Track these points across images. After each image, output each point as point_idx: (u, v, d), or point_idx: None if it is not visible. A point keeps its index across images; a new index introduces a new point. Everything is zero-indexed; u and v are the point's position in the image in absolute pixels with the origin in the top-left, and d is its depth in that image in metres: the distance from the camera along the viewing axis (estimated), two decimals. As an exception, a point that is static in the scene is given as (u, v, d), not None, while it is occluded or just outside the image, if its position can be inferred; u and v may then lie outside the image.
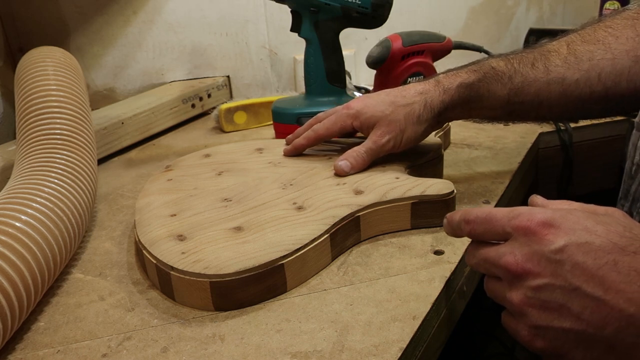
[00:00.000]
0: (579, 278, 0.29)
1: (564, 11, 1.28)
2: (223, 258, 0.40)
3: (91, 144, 0.56)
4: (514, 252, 0.31)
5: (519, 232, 0.32)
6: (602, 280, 0.28)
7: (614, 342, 0.28)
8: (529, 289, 0.30)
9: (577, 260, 0.29)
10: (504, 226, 0.33)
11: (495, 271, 0.33)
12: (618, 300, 0.28)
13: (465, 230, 0.36)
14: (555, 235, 0.30)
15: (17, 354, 0.37)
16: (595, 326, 0.28)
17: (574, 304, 0.29)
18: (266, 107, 0.86)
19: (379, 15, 0.68)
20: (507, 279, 0.32)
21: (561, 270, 0.29)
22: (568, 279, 0.29)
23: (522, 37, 1.23)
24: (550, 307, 0.30)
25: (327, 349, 0.35)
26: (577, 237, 0.30)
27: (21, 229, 0.39)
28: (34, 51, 0.66)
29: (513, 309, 0.32)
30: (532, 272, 0.30)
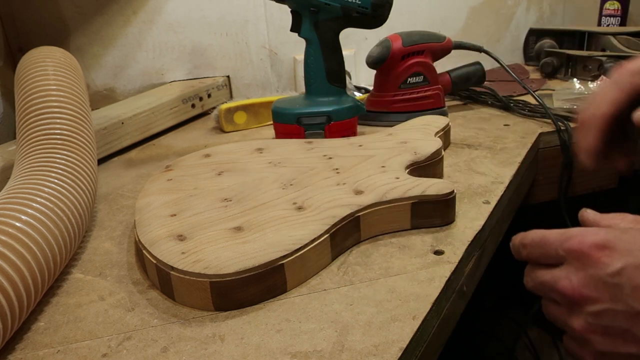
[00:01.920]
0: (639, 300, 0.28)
1: (564, 11, 1.28)
2: (223, 258, 0.40)
3: (91, 144, 0.56)
4: (569, 277, 0.30)
5: (572, 255, 0.30)
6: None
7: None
8: (589, 315, 0.29)
9: (637, 283, 0.28)
10: (557, 249, 0.32)
11: (553, 295, 0.32)
12: None
13: (523, 254, 0.35)
14: (610, 258, 0.29)
15: (17, 354, 0.37)
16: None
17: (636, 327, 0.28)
18: (266, 107, 0.86)
19: (379, 15, 0.68)
20: (566, 304, 0.31)
21: (621, 294, 0.28)
22: (629, 303, 0.28)
23: (522, 37, 1.24)
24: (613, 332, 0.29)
25: (327, 349, 0.35)
26: (634, 258, 0.28)
27: (21, 229, 0.39)
28: (34, 51, 0.66)
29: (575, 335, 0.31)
30: (591, 297, 0.29)
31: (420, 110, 0.80)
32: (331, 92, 0.71)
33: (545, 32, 1.20)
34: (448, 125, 0.69)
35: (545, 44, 1.17)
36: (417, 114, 0.75)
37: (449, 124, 0.69)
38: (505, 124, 0.81)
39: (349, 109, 0.70)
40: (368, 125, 0.81)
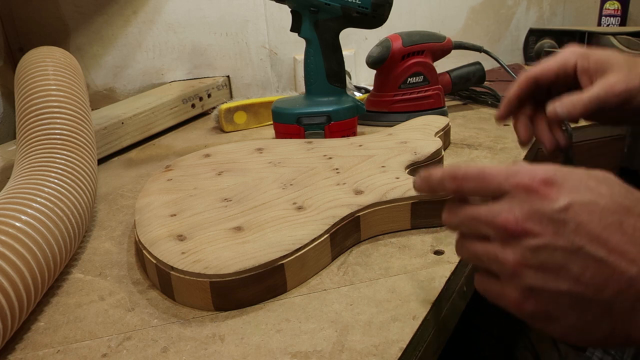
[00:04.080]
0: (582, 238, 0.27)
1: (564, 11, 1.28)
2: (223, 258, 0.40)
3: (91, 144, 0.56)
4: (512, 210, 0.29)
5: (518, 189, 0.30)
6: (607, 241, 0.27)
7: (611, 305, 0.27)
8: (527, 248, 0.29)
9: (581, 220, 0.28)
10: (501, 183, 0.31)
11: (485, 230, 0.31)
12: (621, 262, 0.27)
13: (451, 187, 0.33)
14: (558, 194, 0.29)
15: (17, 354, 0.37)
16: (595, 288, 0.27)
17: (575, 265, 0.28)
18: (266, 107, 0.86)
19: (379, 15, 0.68)
20: (502, 238, 0.30)
21: (564, 230, 0.28)
22: (571, 239, 0.28)
23: (522, 37, 1.24)
24: (549, 268, 0.28)
25: (327, 349, 0.35)
26: (581, 196, 0.28)
27: (21, 229, 0.39)
28: (34, 51, 0.66)
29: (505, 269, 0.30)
30: (533, 231, 0.28)
31: (420, 110, 0.80)
32: (331, 92, 0.71)
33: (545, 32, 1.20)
34: (448, 125, 0.69)
35: (545, 44, 1.17)
36: (417, 114, 0.75)
37: (449, 124, 0.69)
38: (505, 123, 0.80)
39: (349, 109, 0.70)
40: (368, 125, 0.81)
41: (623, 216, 0.28)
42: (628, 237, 0.27)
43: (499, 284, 0.31)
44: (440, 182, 0.34)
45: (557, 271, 0.28)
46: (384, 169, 0.53)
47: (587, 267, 0.27)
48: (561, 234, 0.28)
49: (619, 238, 0.27)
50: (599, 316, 0.28)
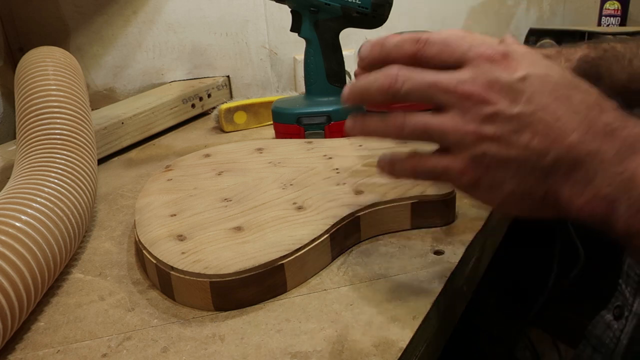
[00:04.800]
0: (535, 106, 0.29)
1: (564, 11, 1.28)
2: (223, 258, 0.40)
3: (91, 144, 0.56)
4: (475, 78, 0.30)
5: (482, 59, 0.31)
6: (556, 110, 0.29)
7: (549, 170, 0.29)
8: (486, 117, 0.30)
9: (536, 89, 0.30)
10: (465, 52, 0.31)
11: (443, 98, 0.31)
12: (566, 128, 0.29)
13: (410, 50, 0.32)
14: (518, 65, 0.30)
15: (17, 354, 0.37)
16: (539, 154, 0.29)
17: (527, 131, 0.29)
18: (266, 107, 0.86)
19: (379, 15, 0.68)
20: (461, 106, 0.30)
21: (520, 98, 0.30)
22: (525, 106, 0.29)
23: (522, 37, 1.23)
24: (503, 135, 0.30)
25: (327, 349, 0.35)
26: (537, 69, 0.30)
27: (21, 229, 0.39)
28: (34, 51, 0.66)
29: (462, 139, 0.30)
30: (492, 99, 0.30)
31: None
32: (331, 92, 0.71)
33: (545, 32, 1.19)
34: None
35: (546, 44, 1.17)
36: (417, 114, 0.75)
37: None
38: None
39: (349, 109, 0.70)
40: (368, 125, 0.81)
41: (572, 90, 0.30)
42: (574, 108, 0.30)
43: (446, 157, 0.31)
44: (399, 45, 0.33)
45: (509, 138, 0.30)
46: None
47: (535, 133, 0.29)
48: (517, 101, 0.29)
49: (566, 108, 0.29)
50: (536, 182, 0.30)
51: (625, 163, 0.28)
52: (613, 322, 0.54)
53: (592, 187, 0.29)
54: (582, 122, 0.29)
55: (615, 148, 0.29)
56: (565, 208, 0.30)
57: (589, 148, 0.29)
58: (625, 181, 0.28)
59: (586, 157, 0.29)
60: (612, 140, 0.29)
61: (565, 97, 0.30)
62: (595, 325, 0.55)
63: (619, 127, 0.29)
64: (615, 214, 0.28)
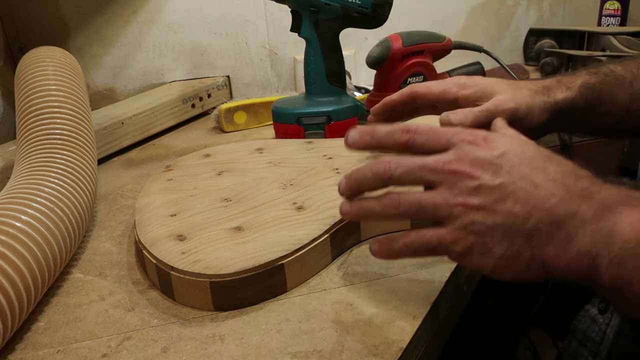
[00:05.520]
0: (514, 177, 0.33)
1: (564, 11, 1.28)
2: (223, 258, 0.40)
3: (91, 144, 0.56)
4: (460, 158, 0.34)
5: (465, 142, 0.34)
6: (534, 179, 0.33)
7: (533, 232, 0.32)
8: (471, 190, 0.33)
9: (513, 163, 0.33)
10: (450, 138, 0.35)
11: (432, 178, 0.34)
12: (544, 193, 0.32)
13: (402, 139, 0.36)
14: (497, 145, 0.34)
15: (17, 354, 0.37)
16: (522, 218, 0.32)
17: (509, 199, 0.32)
18: (266, 107, 0.86)
19: (379, 15, 0.68)
20: (449, 183, 0.33)
21: (500, 171, 0.33)
22: (505, 178, 0.33)
23: (522, 37, 1.23)
24: (488, 204, 0.33)
25: (327, 349, 0.35)
26: (514, 147, 0.34)
27: (21, 229, 0.39)
28: (34, 51, 0.66)
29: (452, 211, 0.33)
30: (476, 174, 0.33)
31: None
32: (331, 92, 0.71)
33: (545, 32, 1.19)
34: (448, 125, 0.69)
35: (545, 44, 1.17)
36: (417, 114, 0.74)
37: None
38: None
39: (349, 109, 0.70)
40: (368, 125, 0.81)
41: (547, 162, 0.34)
42: (551, 177, 0.33)
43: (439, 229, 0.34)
44: (390, 134, 0.36)
45: (494, 206, 0.33)
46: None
47: (517, 200, 0.32)
48: (498, 175, 0.33)
49: (544, 176, 0.33)
50: (522, 245, 0.32)
51: (603, 221, 0.31)
52: (598, 317, 0.54)
53: (574, 244, 0.31)
54: (559, 188, 0.32)
55: (592, 209, 0.32)
56: (552, 267, 0.32)
57: (568, 209, 0.32)
58: (604, 237, 0.31)
59: (565, 218, 0.32)
60: (589, 202, 0.32)
61: (542, 168, 0.33)
62: (580, 320, 0.56)
63: (595, 190, 0.32)
64: (600, 269, 0.31)
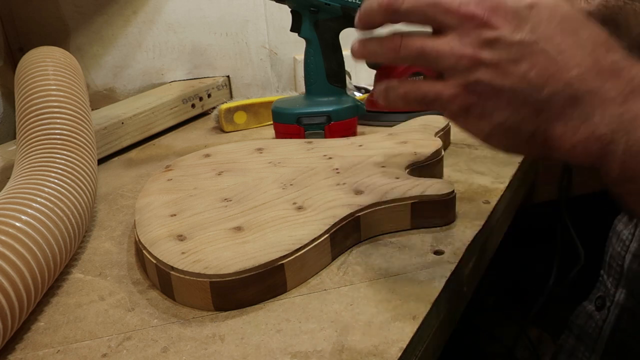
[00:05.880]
0: (539, 35, 0.28)
1: (564, 11, 1.28)
2: (223, 258, 0.40)
3: (91, 144, 0.56)
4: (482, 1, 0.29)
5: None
6: (560, 42, 0.28)
7: (544, 104, 0.28)
8: (486, 41, 0.29)
9: (542, 19, 0.29)
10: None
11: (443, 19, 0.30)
12: (568, 63, 0.28)
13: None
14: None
15: (17, 354, 0.37)
16: (536, 86, 0.28)
17: (526, 61, 0.28)
18: (266, 107, 0.86)
19: (379, 15, 0.68)
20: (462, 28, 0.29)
21: (524, 25, 0.28)
22: (528, 34, 0.28)
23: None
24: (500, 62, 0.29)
25: (327, 349, 0.35)
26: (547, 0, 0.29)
27: (21, 229, 0.39)
28: (34, 51, 0.66)
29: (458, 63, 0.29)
30: (496, 24, 0.29)
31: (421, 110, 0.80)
32: (331, 92, 0.71)
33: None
34: (448, 125, 0.69)
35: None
36: (417, 114, 0.75)
37: (449, 124, 0.69)
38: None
39: (349, 109, 0.70)
40: (368, 125, 0.81)
41: (579, 25, 0.29)
42: (580, 43, 0.28)
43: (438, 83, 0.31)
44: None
45: (506, 66, 0.28)
46: (384, 169, 0.53)
47: (535, 64, 0.28)
48: (521, 29, 0.28)
49: (572, 42, 0.28)
50: (528, 115, 0.29)
51: (628, 104, 0.27)
52: (595, 313, 0.54)
53: (589, 126, 0.27)
54: (586, 58, 0.28)
55: (619, 88, 0.27)
56: (555, 147, 0.29)
57: (590, 86, 0.28)
58: (625, 122, 0.27)
59: (585, 95, 0.28)
60: (617, 80, 0.28)
61: (572, 31, 0.29)
62: (577, 316, 0.56)
63: (625, 66, 0.28)
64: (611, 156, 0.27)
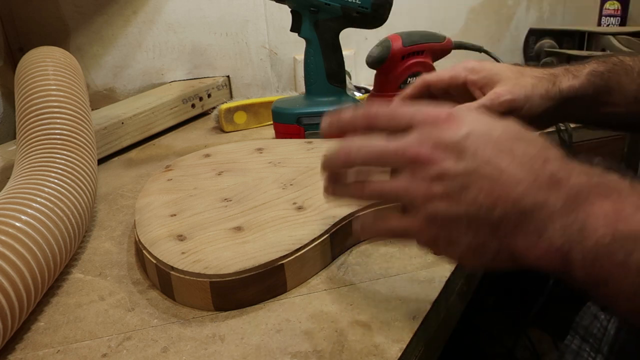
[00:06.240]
0: (479, 161, 0.30)
1: (564, 11, 1.27)
2: (223, 258, 0.40)
3: (91, 144, 0.56)
4: (421, 140, 0.31)
5: (427, 122, 0.32)
6: (499, 164, 0.30)
7: (498, 224, 0.30)
8: (434, 176, 0.31)
9: (479, 146, 0.31)
10: (412, 117, 0.33)
11: (393, 163, 0.32)
12: (510, 181, 0.30)
13: (362, 123, 0.34)
14: (460, 125, 0.31)
15: (17, 354, 0.37)
16: (487, 208, 0.30)
17: (473, 187, 0.30)
18: (266, 107, 0.86)
19: (379, 15, 0.68)
20: (410, 169, 0.32)
21: (464, 155, 0.30)
22: (469, 163, 0.30)
23: (522, 37, 1.23)
24: (452, 193, 0.30)
25: (327, 349, 0.35)
26: (479, 127, 0.31)
27: (21, 229, 0.39)
28: (34, 51, 0.66)
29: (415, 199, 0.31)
30: (438, 159, 0.31)
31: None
32: (331, 92, 0.71)
33: (545, 32, 1.19)
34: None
35: (545, 44, 1.17)
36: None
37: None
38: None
39: (349, 109, 0.70)
40: (368, 125, 0.81)
41: (515, 143, 0.31)
42: (518, 161, 0.30)
43: (404, 219, 0.33)
44: (352, 121, 0.35)
45: (458, 195, 0.30)
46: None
47: (481, 189, 0.30)
48: (461, 159, 0.30)
49: (509, 161, 0.30)
50: (488, 236, 0.30)
51: (574, 214, 0.29)
52: (600, 313, 0.54)
53: (545, 239, 0.29)
54: (526, 174, 0.30)
55: (562, 199, 0.29)
56: (523, 259, 0.30)
57: (535, 200, 0.29)
58: (576, 232, 0.28)
59: (534, 210, 0.29)
60: (558, 191, 0.29)
61: (508, 151, 0.31)
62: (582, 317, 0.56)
63: (564, 177, 0.30)
64: (573, 264, 0.28)
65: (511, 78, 0.49)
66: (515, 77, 0.50)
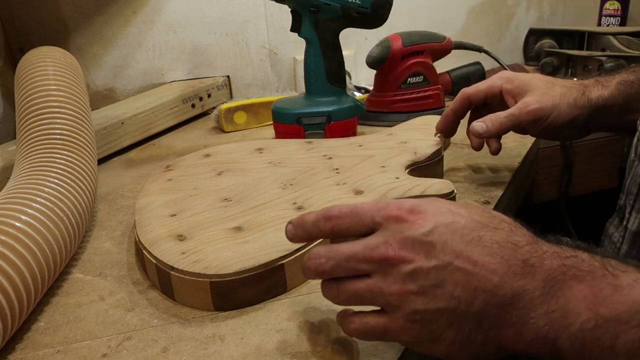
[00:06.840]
0: (450, 255, 0.30)
1: (564, 11, 1.28)
2: (223, 258, 0.40)
3: (91, 144, 0.56)
4: (388, 241, 0.31)
5: (390, 221, 0.31)
6: (470, 255, 0.30)
7: (481, 316, 0.29)
8: (406, 275, 0.30)
9: (446, 239, 0.30)
10: (374, 217, 0.32)
11: (363, 267, 0.31)
12: (484, 272, 0.29)
13: (326, 228, 0.34)
14: (423, 220, 0.31)
15: (17, 354, 0.37)
16: (466, 301, 0.29)
17: (448, 282, 0.30)
18: (266, 107, 0.86)
19: (379, 15, 0.68)
20: (382, 270, 0.31)
21: (433, 251, 0.30)
22: (440, 258, 0.30)
23: (522, 37, 1.23)
24: (427, 289, 0.30)
25: (327, 349, 0.35)
26: (443, 218, 0.31)
27: (21, 229, 0.39)
28: (34, 51, 0.66)
29: (390, 300, 0.31)
30: (407, 258, 0.30)
31: (420, 110, 0.80)
32: (331, 92, 0.71)
33: (545, 32, 1.20)
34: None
35: (545, 44, 1.17)
36: (417, 114, 0.75)
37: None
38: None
39: (349, 109, 0.70)
40: (368, 125, 0.81)
41: (481, 231, 0.31)
42: (487, 249, 0.30)
43: (382, 317, 0.32)
44: (315, 224, 0.34)
45: (434, 291, 0.30)
46: (384, 169, 0.53)
47: (457, 282, 0.29)
48: (432, 255, 0.30)
49: (480, 251, 0.30)
50: (473, 329, 0.30)
51: (554, 299, 0.28)
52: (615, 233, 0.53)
53: (530, 328, 0.29)
54: (499, 264, 0.29)
55: (540, 287, 0.29)
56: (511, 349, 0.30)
57: (514, 288, 0.29)
58: (559, 319, 0.28)
59: (514, 298, 0.29)
60: (534, 278, 0.29)
61: (477, 240, 0.30)
62: None
63: (537, 262, 0.29)
64: (563, 352, 0.28)
65: (541, 87, 0.52)
66: (546, 86, 0.52)
